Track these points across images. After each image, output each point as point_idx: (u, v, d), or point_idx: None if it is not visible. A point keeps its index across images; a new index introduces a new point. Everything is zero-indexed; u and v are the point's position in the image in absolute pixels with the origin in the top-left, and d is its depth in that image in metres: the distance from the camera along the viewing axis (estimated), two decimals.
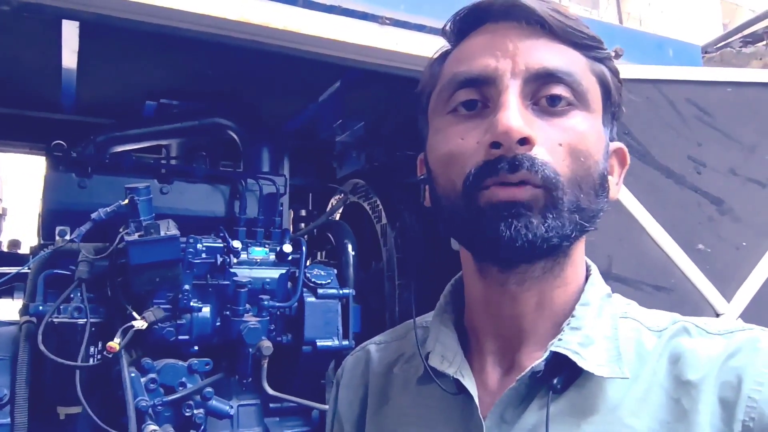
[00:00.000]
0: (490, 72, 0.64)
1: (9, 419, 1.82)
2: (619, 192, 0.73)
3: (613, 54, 0.72)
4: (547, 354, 0.63)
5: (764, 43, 3.48)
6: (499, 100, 0.63)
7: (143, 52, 2.22)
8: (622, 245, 1.88)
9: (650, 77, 1.99)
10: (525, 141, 0.60)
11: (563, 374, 0.64)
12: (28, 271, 2.03)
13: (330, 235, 2.72)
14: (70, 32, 1.94)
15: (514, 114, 0.61)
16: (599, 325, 0.67)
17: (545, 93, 0.64)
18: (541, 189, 0.61)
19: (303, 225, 3.12)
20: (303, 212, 3.26)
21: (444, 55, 0.73)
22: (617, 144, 0.72)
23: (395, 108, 2.65)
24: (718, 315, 1.91)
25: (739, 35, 3.78)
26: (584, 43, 0.67)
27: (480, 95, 0.65)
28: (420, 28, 1.90)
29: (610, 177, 0.70)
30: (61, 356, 1.83)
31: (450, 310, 0.76)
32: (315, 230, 2.82)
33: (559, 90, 0.64)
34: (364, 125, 2.74)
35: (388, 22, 1.88)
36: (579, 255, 0.70)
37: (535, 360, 0.64)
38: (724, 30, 5.34)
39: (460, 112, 0.66)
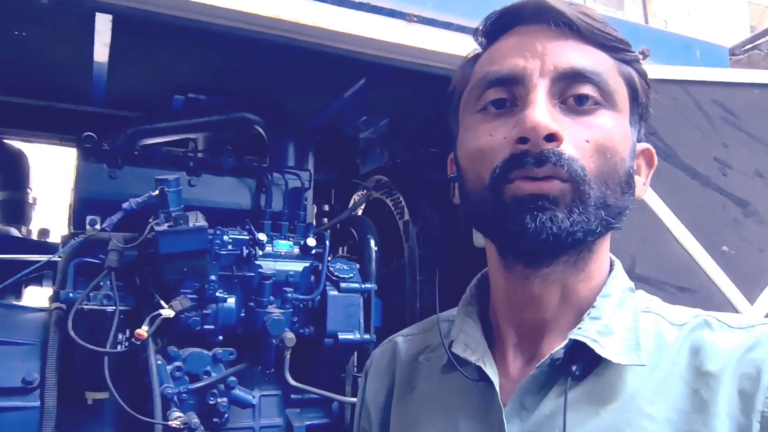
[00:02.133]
0: (519, 71, 0.66)
1: (39, 402, 1.86)
2: (646, 192, 0.74)
3: (640, 55, 0.73)
4: (566, 342, 0.65)
5: None
6: (527, 99, 0.65)
7: (173, 47, 2.25)
8: (646, 245, 1.88)
9: (677, 78, 1.99)
10: (552, 137, 0.62)
11: (582, 362, 0.65)
12: (59, 259, 2.07)
13: (353, 230, 2.73)
14: (103, 26, 1.97)
15: (541, 111, 0.62)
16: (620, 316, 0.68)
17: (573, 92, 0.65)
18: (568, 184, 0.62)
19: (326, 220, 3.14)
20: (326, 207, 3.28)
21: (475, 57, 0.75)
22: (645, 145, 0.74)
23: (419, 105, 2.66)
24: None
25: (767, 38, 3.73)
26: (612, 45, 0.68)
27: (509, 94, 0.67)
28: (447, 25, 1.91)
29: (636, 177, 0.71)
30: (90, 342, 1.85)
31: (475, 303, 0.78)
32: (338, 225, 2.84)
33: (586, 89, 0.65)
34: (388, 122, 2.75)
35: (415, 19, 1.89)
36: (603, 250, 0.72)
37: (555, 348, 0.66)
38: (751, 32, 5.27)
39: (489, 110, 0.68)
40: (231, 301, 2.16)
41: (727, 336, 0.65)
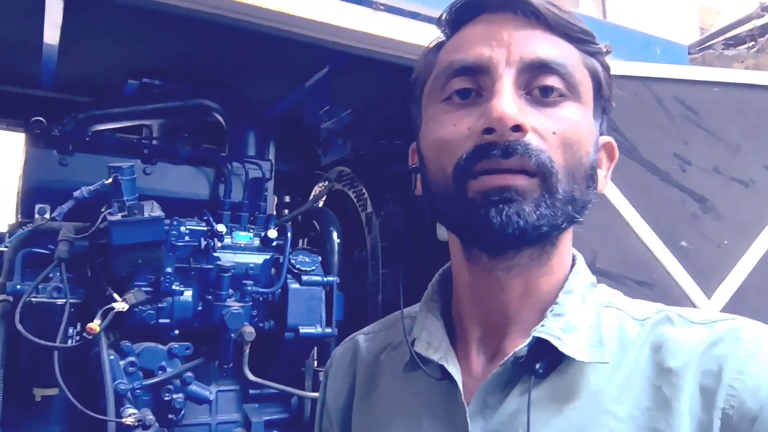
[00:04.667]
0: (485, 61, 0.65)
1: None
2: (606, 186, 0.74)
3: (604, 49, 0.73)
4: (529, 339, 0.64)
5: (746, 46, 3.54)
6: (493, 88, 0.63)
7: (128, 30, 2.18)
8: (607, 240, 1.89)
9: (639, 74, 2.01)
10: (518, 128, 0.61)
11: (545, 360, 0.64)
12: (6, 249, 1.99)
13: (315, 222, 2.70)
14: (53, 5, 1.89)
15: (508, 101, 0.61)
16: (582, 312, 0.67)
17: (538, 83, 0.64)
18: (536, 178, 0.61)
19: (287, 211, 3.09)
20: (287, 198, 3.23)
21: (439, 45, 0.73)
22: (607, 138, 0.73)
23: (384, 96, 2.64)
24: None
25: (722, 38, 3.83)
26: (577, 36, 0.67)
27: (474, 84, 0.66)
28: (414, 15, 1.89)
29: (598, 170, 0.71)
30: (39, 337, 1.79)
31: (437, 299, 0.77)
32: (299, 217, 2.80)
33: (552, 81, 0.64)
34: (350, 113, 2.72)
35: (382, 8, 1.86)
36: (566, 245, 0.71)
37: (519, 346, 0.64)
38: (702, 34, 5.43)
39: (454, 100, 0.67)
40: (188, 294, 2.11)
41: (688, 331, 0.64)
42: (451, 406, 0.67)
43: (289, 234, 2.33)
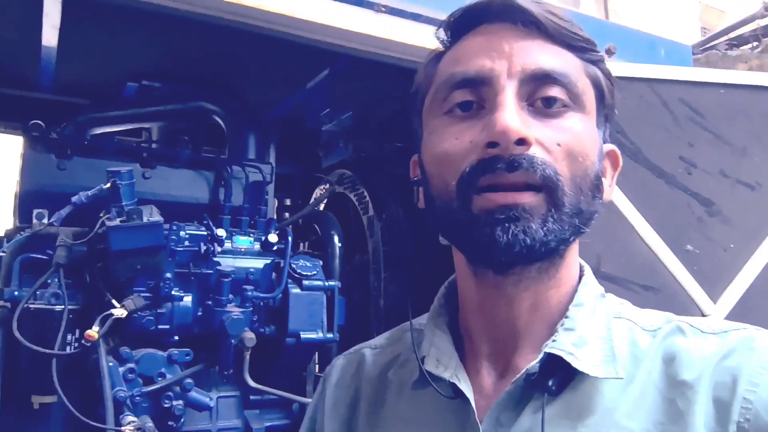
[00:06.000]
0: (486, 73, 0.64)
1: None
2: (611, 194, 0.73)
3: (606, 54, 0.72)
4: (541, 355, 0.63)
5: (750, 46, 3.52)
6: (495, 101, 0.63)
7: (127, 32, 2.16)
8: (612, 244, 1.88)
9: (644, 76, 1.99)
10: (522, 141, 0.60)
11: (558, 376, 0.63)
12: (3, 254, 1.97)
13: (316, 226, 2.68)
14: (51, 6, 1.87)
15: (511, 114, 0.61)
16: (593, 325, 0.67)
17: (541, 94, 0.64)
18: (542, 193, 0.61)
19: (287, 215, 3.07)
20: (288, 202, 3.22)
21: (439, 56, 0.73)
22: (610, 146, 0.73)
23: (385, 98, 2.62)
24: (704, 316, 1.92)
25: (725, 38, 3.81)
26: (579, 45, 0.67)
27: (476, 96, 0.65)
28: (416, 17, 1.88)
29: (603, 179, 0.70)
30: (36, 343, 1.77)
31: (444, 313, 0.76)
32: (300, 220, 2.78)
33: (554, 91, 0.64)
34: (351, 115, 2.70)
35: (383, 9, 1.85)
36: (573, 256, 0.71)
37: (530, 362, 0.64)
38: (703, 35, 5.41)
39: (455, 113, 0.66)
40: (187, 299, 2.08)
41: (700, 342, 0.64)
42: (463, 425, 0.66)
43: (289, 238, 2.31)
